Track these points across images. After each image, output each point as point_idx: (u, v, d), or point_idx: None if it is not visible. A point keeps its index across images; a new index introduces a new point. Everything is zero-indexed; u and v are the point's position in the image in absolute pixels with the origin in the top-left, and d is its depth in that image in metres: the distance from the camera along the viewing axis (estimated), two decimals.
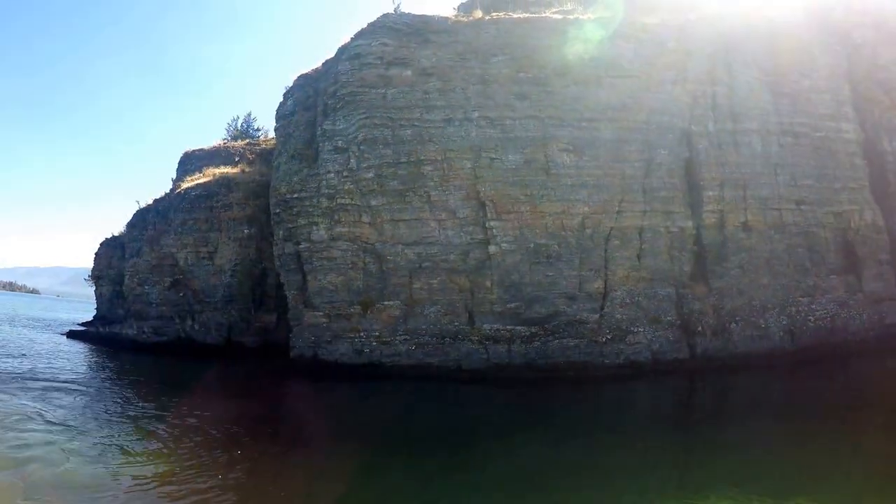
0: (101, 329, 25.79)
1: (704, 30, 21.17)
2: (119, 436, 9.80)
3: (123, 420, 11.06)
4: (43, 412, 10.90)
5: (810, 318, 20.45)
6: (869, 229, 23.01)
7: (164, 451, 9.01)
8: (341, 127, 18.53)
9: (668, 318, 18.25)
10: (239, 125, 33.78)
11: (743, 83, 21.41)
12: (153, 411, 11.83)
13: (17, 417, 10.34)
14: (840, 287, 21.58)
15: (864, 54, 24.59)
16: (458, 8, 22.86)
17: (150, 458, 8.62)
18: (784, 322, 19.78)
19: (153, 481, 7.57)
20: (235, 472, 8.20)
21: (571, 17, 19.53)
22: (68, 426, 10.14)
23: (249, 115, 34.82)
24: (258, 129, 33.08)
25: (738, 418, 12.19)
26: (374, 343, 17.13)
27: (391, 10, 19.58)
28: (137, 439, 9.64)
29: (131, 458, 8.56)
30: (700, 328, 18.41)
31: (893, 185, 24.54)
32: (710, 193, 20.17)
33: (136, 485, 7.44)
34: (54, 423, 10.18)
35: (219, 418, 11.18)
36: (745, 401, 14.51)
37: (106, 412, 11.54)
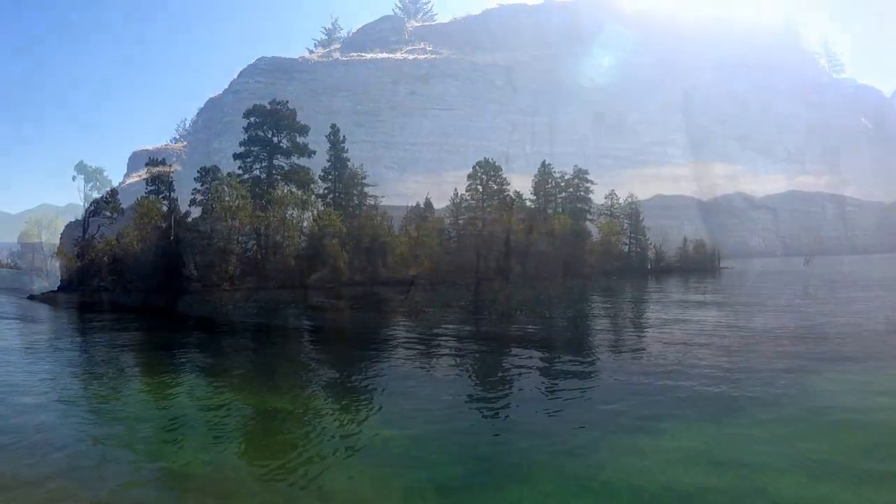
0: (54, 294, 35.98)
1: (534, 69, 28.90)
2: (45, 341, 19.42)
3: (49, 335, 20.83)
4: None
5: None
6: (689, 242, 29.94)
7: (66, 343, 18.26)
8: (225, 146, 27.57)
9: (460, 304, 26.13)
10: (186, 126, 43.69)
11: (564, 114, 29.02)
12: (66, 329, 21.48)
13: None
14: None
15: (700, 92, 31.52)
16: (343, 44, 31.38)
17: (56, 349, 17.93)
18: None
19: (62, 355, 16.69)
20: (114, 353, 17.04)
21: (411, 57, 27.82)
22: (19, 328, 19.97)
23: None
24: None
25: None
26: (230, 306, 25.98)
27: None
28: (63, 344, 19.09)
29: (57, 351, 17.93)
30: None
31: (723, 206, 31.32)
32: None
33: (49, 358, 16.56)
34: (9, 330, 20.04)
35: (119, 338, 20.57)
36: None
37: (44, 331, 21.45)
